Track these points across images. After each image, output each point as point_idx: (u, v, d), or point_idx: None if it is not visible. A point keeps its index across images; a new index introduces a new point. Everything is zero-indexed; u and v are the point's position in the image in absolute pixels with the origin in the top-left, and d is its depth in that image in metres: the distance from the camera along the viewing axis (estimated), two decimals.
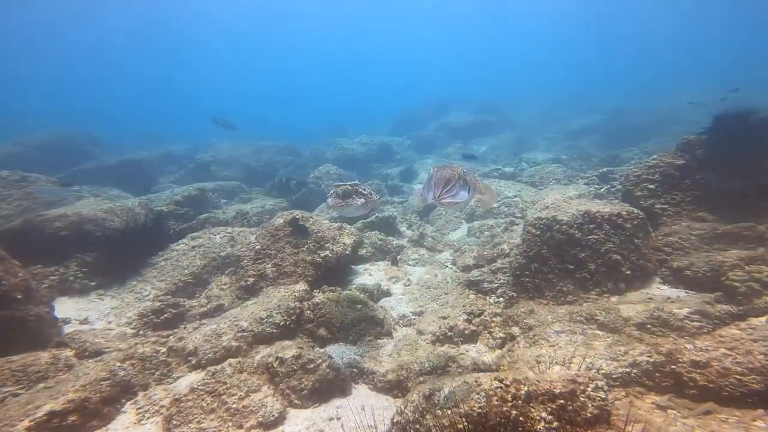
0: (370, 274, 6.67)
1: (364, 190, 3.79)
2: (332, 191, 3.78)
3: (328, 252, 5.98)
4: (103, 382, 3.61)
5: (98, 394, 3.53)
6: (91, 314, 5.42)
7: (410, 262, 7.10)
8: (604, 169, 9.30)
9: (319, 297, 4.95)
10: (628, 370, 3.35)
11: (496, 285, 5.37)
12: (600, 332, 3.91)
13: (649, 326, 3.82)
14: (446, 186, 2.80)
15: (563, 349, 3.73)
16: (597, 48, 58.50)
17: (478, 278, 5.52)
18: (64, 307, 5.52)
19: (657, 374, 3.29)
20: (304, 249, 5.92)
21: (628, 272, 4.74)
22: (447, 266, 6.87)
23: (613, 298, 4.65)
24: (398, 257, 7.22)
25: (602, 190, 8.00)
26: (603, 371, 3.35)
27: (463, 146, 19.23)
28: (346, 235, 6.52)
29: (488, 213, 8.23)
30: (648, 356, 3.39)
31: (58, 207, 7.43)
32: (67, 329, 5.02)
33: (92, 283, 5.85)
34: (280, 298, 4.86)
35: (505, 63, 59.08)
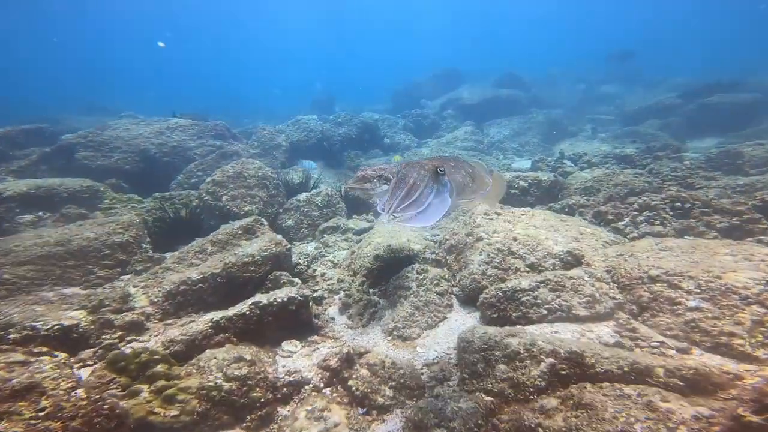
0: None
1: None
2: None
3: None
4: None
5: None
6: None
7: None
8: (763, 195, 4.38)
9: None
10: None
11: None
12: None
13: None
14: (407, 195, 1.94)
15: None
16: (652, 9, 49.65)
17: None
18: None
19: None
20: None
21: None
22: None
23: None
24: None
25: None
26: None
27: (476, 128, 14.23)
28: None
29: (510, 298, 3.52)
30: None
31: None
32: None
33: None
34: None
35: (536, 26, 51.41)
